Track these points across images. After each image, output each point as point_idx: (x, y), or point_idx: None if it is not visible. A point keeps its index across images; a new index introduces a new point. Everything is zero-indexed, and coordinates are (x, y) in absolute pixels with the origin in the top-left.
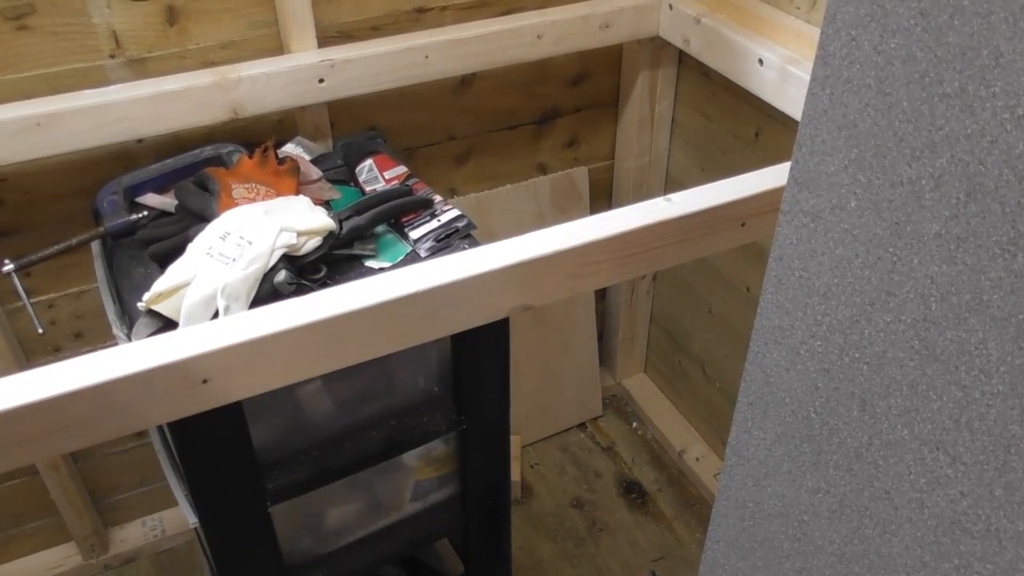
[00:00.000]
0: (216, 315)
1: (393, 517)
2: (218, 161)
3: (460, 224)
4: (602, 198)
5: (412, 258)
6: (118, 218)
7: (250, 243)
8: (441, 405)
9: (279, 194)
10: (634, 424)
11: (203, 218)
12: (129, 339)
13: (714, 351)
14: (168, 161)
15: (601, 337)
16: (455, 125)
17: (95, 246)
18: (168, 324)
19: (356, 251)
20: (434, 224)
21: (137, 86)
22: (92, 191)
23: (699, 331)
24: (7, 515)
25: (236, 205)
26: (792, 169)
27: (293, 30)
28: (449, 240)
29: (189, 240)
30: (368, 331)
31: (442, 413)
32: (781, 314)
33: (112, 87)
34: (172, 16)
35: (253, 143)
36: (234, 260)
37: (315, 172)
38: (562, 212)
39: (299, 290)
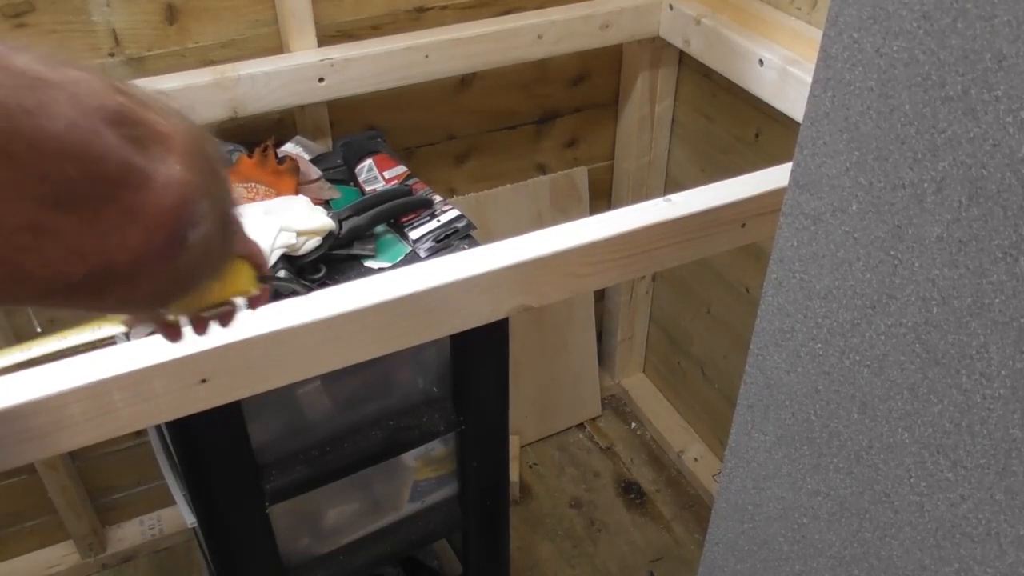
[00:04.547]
0: None
1: (392, 517)
2: None
3: (460, 224)
4: (602, 198)
5: (411, 258)
6: None
7: None
8: (440, 405)
9: (278, 193)
10: (633, 424)
11: None
12: (128, 338)
13: (713, 352)
14: None
15: (600, 337)
16: (455, 125)
17: None
18: None
19: (355, 251)
20: (434, 224)
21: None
22: None
23: (698, 332)
24: (5, 514)
25: None
26: (793, 171)
27: (293, 29)
28: (449, 240)
29: None
30: (367, 331)
31: (441, 413)
32: (782, 316)
33: None
34: (172, 15)
35: (252, 142)
36: None
37: (315, 172)
38: (562, 212)
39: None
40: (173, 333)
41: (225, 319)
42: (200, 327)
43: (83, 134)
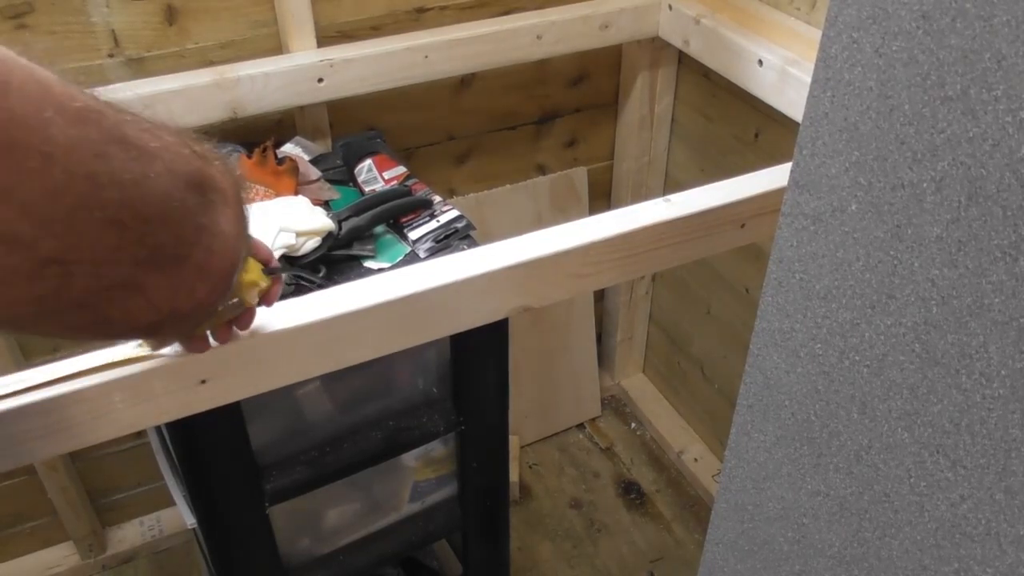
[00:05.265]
0: None
1: (392, 518)
2: None
3: (459, 225)
4: (601, 198)
5: (411, 259)
6: None
7: None
8: (440, 406)
9: (278, 194)
10: (632, 425)
11: None
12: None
13: (713, 352)
14: None
15: (600, 338)
16: (454, 125)
17: None
18: None
19: (355, 252)
20: (433, 224)
21: (136, 85)
22: None
23: (698, 332)
24: (5, 515)
25: None
26: (793, 171)
27: (292, 30)
28: (448, 240)
29: None
30: (367, 331)
31: (441, 414)
32: (781, 317)
33: (111, 86)
34: (171, 15)
35: (252, 143)
36: None
37: (314, 172)
38: (561, 212)
39: (298, 290)
40: (200, 344)
41: (243, 323)
42: (223, 335)
43: (174, 202)
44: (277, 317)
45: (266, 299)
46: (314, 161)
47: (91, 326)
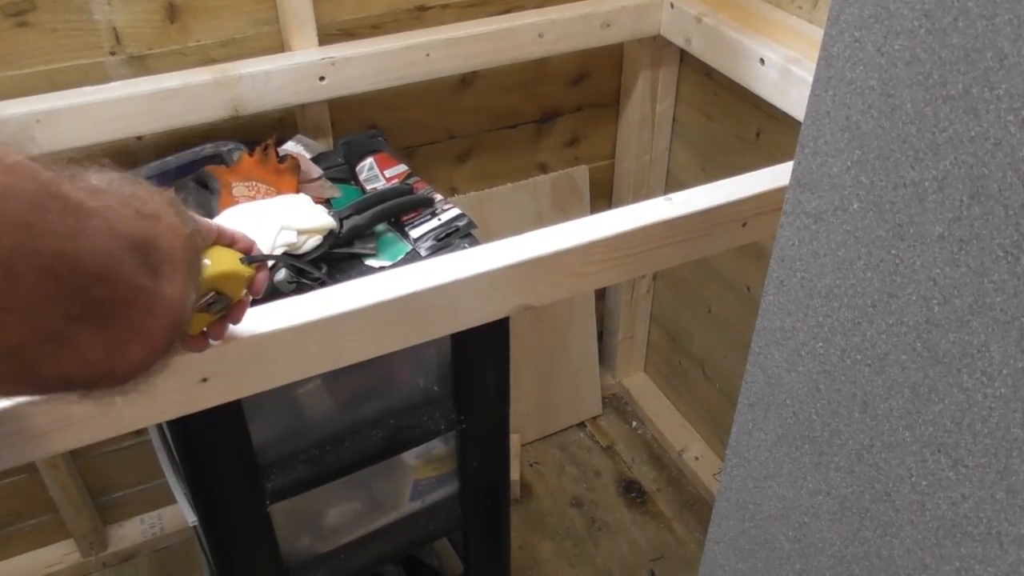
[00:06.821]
0: None
1: (392, 516)
2: (218, 159)
3: (460, 223)
4: (602, 197)
5: (412, 257)
6: None
7: None
8: (441, 404)
9: (279, 192)
10: (633, 423)
11: None
12: None
13: (714, 351)
14: (168, 159)
15: (601, 336)
16: (456, 124)
17: None
18: None
19: (356, 250)
20: (434, 223)
21: (137, 83)
22: None
23: (699, 331)
24: (5, 512)
25: (236, 203)
26: (794, 170)
27: (294, 28)
28: (449, 239)
29: None
30: (368, 330)
31: (441, 412)
32: (783, 315)
33: (112, 84)
34: (173, 13)
35: (254, 141)
36: None
37: (315, 170)
38: (562, 211)
39: (299, 289)
40: (197, 344)
41: (235, 316)
42: (218, 331)
43: (112, 260)
44: (278, 316)
45: (252, 288)
46: (315, 159)
47: (20, 379)
